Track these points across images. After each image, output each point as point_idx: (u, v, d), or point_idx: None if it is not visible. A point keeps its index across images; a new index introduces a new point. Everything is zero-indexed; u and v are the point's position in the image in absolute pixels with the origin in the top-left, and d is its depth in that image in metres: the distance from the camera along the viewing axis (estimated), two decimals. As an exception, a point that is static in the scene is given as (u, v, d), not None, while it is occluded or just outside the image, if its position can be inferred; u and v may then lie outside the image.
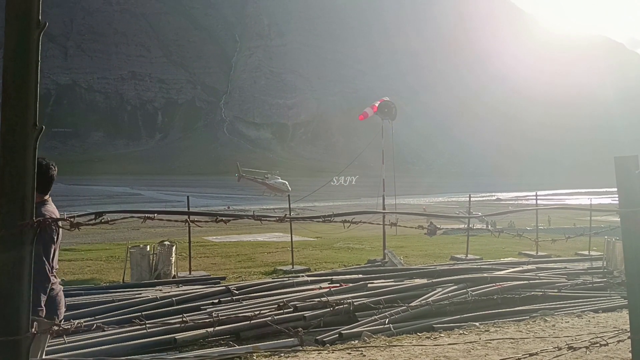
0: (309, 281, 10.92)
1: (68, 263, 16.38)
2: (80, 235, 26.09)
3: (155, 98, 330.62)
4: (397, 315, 8.15)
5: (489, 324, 7.69)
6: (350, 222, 1.78)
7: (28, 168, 1.35)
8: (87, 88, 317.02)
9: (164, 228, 28.36)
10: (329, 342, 7.00)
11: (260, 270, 15.10)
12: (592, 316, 8.25)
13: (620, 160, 2.33)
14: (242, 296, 9.48)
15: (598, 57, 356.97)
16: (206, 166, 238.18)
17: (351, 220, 1.78)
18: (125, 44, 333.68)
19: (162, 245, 13.63)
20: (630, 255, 2.33)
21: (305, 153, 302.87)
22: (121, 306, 8.66)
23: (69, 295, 10.00)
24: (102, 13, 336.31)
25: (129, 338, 6.94)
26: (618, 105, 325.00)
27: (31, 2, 1.32)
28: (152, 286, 11.25)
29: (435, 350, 6.27)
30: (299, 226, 25.97)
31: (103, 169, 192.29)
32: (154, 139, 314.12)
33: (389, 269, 13.71)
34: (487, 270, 12.25)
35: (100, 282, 12.98)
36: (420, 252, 19.67)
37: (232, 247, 21.58)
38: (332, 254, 18.93)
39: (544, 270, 13.02)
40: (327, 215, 1.72)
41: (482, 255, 17.74)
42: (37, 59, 1.36)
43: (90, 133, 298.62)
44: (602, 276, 12.35)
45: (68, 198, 77.95)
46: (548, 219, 36.11)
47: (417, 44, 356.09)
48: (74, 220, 1.33)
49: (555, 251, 19.32)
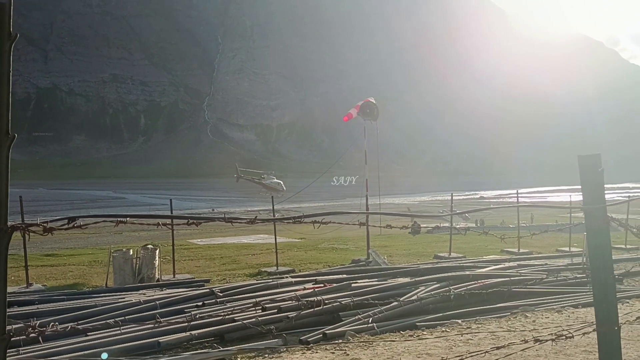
0: (294, 282, 10.94)
1: (50, 268, 16.24)
2: (62, 241, 25.83)
3: (138, 101, 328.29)
4: (380, 314, 8.21)
5: (470, 321, 7.79)
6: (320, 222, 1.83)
7: (1, 174, 1.37)
8: (68, 91, 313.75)
9: (148, 232, 28.17)
10: (313, 342, 7.04)
11: (245, 272, 15.10)
12: (571, 311, 8.39)
13: (584, 158, 2.40)
14: (226, 298, 9.47)
15: (578, 55, 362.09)
16: (190, 168, 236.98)
17: (321, 221, 1.83)
18: (106, 47, 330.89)
19: (146, 249, 13.57)
20: (594, 250, 2.41)
21: (290, 154, 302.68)
22: (103, 311, 8.61)
23: (51, 301, 9.92)
24: (82, 16, 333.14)
25: (111, 342, 6.91)
26: (598, 101, 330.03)
27: (2, 14, 1.35)
28: (135, 290, 11.19)
29: (418, 347, 6.35)
30: (284, 227, 26.01)
31: (85, 173, 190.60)
32: (136, 142, 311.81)
33: (373, 268, 13.78)
34: (469, 268, 12.37)
35: (83, 287, 12.89)
36: (404, 251, 19.78)
37: (217, 249, 21.51)
38: (316, 255, 18.97)
39: (525, 267, 13.17)
40: (297, 216, 1.77)
41: (465, 254, 17.91)
42: (8, 69, 1.39)
43: (71, 137, 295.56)
44: (582, 272, 12.53)
45: (50, 203, 77.11)
46: (531, 216, 36.55)
47: (401, 44, 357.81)
48: (47, 226, 1.36)
49: (537, 248, 19.57)
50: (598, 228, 2.33)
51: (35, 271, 15.10)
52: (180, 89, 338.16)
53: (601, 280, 2.36)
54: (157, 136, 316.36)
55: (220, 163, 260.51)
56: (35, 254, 18.97)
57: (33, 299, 10.19)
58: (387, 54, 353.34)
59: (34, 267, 15.53)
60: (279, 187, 37.56)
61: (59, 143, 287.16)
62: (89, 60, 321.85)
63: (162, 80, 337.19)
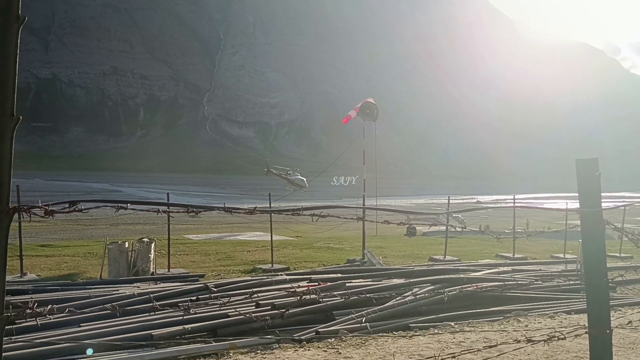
0: (288, 280, 10.96)
1: (45, 259, 16.23)
2: (58, 232, 25.82)
3: (137, 94, 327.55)
4: (374, 314, 8.24)
5: (463, 324, 7.82)
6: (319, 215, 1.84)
7: (5, 156, 1.39)
8: (68, 82, 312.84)
9: (144, 225, 28.15)
10: (306, 340, 7.06)
11: (240, 269, 15.11)
12: (564, 317, 8.43)
13: (581, 162, 2.42)
14: (220, 294, 9.49)
15: (579, 63, 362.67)
16: (188, 164, 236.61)
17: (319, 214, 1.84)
18: (107, 39, 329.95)
19: (141, 242, 13.57)
20: (589, 253, 2.43)
21: (288, 152, 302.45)
22: (97, 302, 8.62)
23: (45, 291, 9.93)
24: (84, 7, 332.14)
25: (104, 334, 6.92)
26: (599, 110, 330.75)
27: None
28: (129, 283, 11.21)
29: (410, 348, 6.37)
30: (280, 225, 25.97)
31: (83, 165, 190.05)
32: (135, 135, 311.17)
33: (368, 268, 13.82)
34: (463, 271, 12.42)
35: (77, 278, 12.89)
36: (400, 252, 19.82)
37: (212, 245, 21.52)
38: (312, 254, 18.99)
39: (519, 272, 13.22)
40: (296, 208, 1.78)
41: (460, 257, 17.96)
42: (16, 51, 1.41)
43: (70, 128, 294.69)
44: (576, 278, 12.58)
45: (46, 193, 76.90)
46: (527, 222, 36.70)
47: (401, 46, 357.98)
48: (49, 208, 1.37)
49: (532, 254, 19.64)
50: (593, 231, 2.36)
51: (30, 261, 15.08)
52: (181, 84, 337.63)
53: (595, 283, 2.39)
54: (155, 130, 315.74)
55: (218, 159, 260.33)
56: (30, 244, 18.95)
57: (27, 288, 10.20)
58: (387, 57, 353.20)
59: (29, 256, 15.52)
60: (303, 183, 38.31)
61: (57, 134, 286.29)
62: (90, 52, 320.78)
63: (163, 75, 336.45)
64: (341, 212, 1.99)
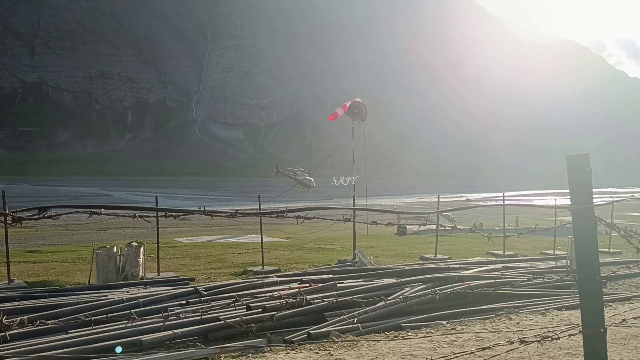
0: (279, 282, 10.90)
1: (32, 265, 16.02)
2: (46, 237, 25.53)
3: (125, 97, 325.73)
4: (365, 315, 8.19)
5: (455, 323, 7.79)
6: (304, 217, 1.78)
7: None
8: (55, 87, 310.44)
9: (133, 229, 27.94)
10: (297, 342, 6.99)
11: (230, 271, 15.00)
12: (555, 314, 8.43)
13: (572, 158, 2.39)
14: (210, 297, 9.40)
15: (566, 60, 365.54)
16: (177, 167, 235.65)
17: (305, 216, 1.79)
18: (94, 42, 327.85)
19: (130, 246, 13.43)
20: (581, 251, 2.39)
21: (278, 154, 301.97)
22: (86, 308, 8.50)
23: (33, 297, 9.78)
24: (70, 10, 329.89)
25: (93, 340, 6.82)
26: (585, 106, 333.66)
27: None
28: (118, 288, 11.08)
29: (402, 348, 6.33)
30: (271, 227, 25.89)
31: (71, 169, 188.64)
32: (123, 139, 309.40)
33: (359, 268, 13.77)
34: (454, 270, 12.41)
35: (65, 284, 12.72)
36: (390, 252, 19.79)
37: (202, 248, 21.37)
38: (302, 255, 18.92)
39: (510, 269, 13.24)
40: (281, 210, 1.72)
41: (451, 255, 17.97)
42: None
43: (57, 132, 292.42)
44: (566, 275, 12.62)
45: (34, 199, 76.17)
46: (516, 219, 36.87)
47: (390, 46, 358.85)
48: (16, 215, 1.30)
49: (522, 251, 19.69)
50: (585, 228, 2.32)
51: (17, 267, 14.88)
52: (169, 87, 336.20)
53: (588, 282, 2.35)
54: (144, 133, 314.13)
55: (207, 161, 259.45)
56: (17, 250, 18.71)
57: (14, 295, 10.04)
58: (377, 56, 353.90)
59: (16, 263, 15.31)
60: (311, 183, 38.28)
61: (44, 138, 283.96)
62: (76, 55, 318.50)
63: (150, 77, 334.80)
64: (329, 213, 1.94)
